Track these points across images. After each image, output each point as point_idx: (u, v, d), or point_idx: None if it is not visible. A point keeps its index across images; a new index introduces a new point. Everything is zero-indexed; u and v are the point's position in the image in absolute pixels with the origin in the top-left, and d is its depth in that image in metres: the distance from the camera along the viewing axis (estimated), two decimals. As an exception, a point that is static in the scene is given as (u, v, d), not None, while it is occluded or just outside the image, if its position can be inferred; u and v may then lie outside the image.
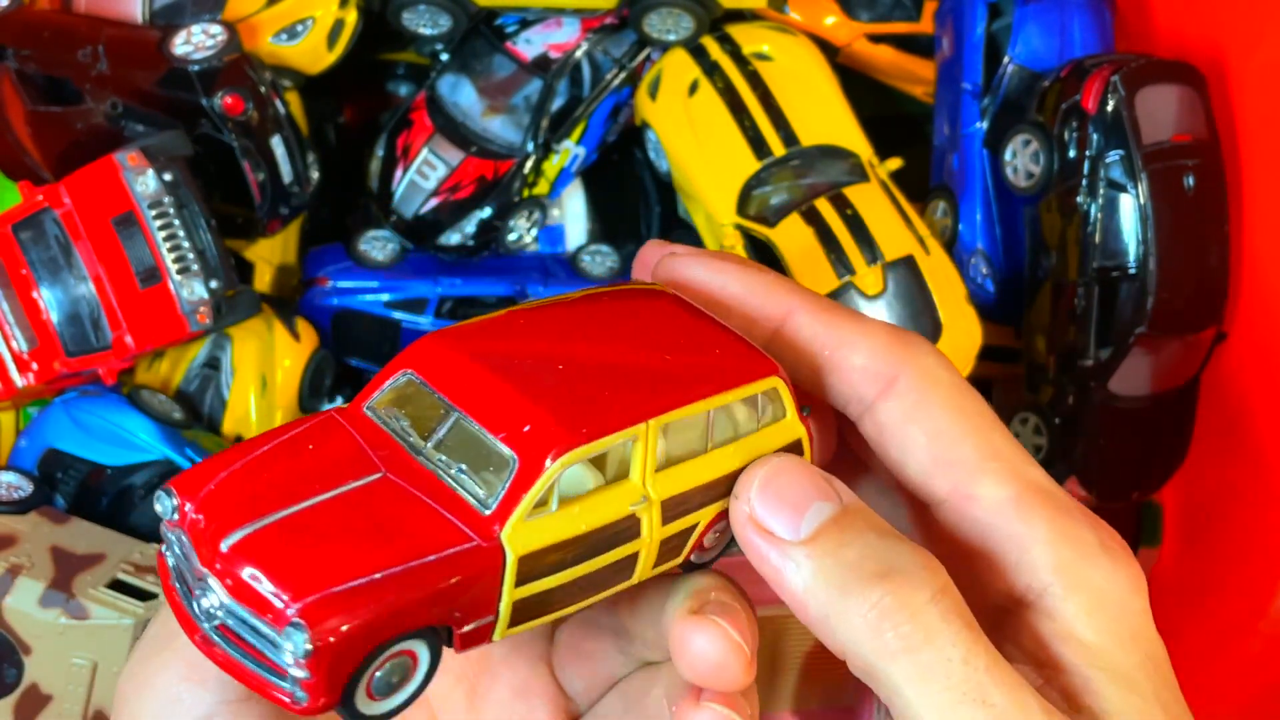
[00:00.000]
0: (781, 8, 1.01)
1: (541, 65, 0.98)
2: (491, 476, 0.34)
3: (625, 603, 0.41)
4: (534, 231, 1.02)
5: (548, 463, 0.34)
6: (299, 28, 0.94)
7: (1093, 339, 0.89)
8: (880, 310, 0.89)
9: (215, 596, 0.33)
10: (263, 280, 1.00)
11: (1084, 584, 0.38)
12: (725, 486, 0.38)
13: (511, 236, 1.01)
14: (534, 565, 0.34)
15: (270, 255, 1.00)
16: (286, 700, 0.33)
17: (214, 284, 0.85)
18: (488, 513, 0.34)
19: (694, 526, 0.38)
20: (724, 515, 0.38)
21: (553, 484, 0.34)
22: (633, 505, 0.36)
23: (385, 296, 0.99)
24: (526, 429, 0.34)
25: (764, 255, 0.93)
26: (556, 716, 0.44)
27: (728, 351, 0.39)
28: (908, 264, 0.90)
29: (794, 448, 0.39)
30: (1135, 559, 0.39)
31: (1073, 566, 0.38)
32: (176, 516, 0.35)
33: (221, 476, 0.35)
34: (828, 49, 1.01)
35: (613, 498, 0.36)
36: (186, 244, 0.84)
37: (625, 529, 0.36)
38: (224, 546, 0.33)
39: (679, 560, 0.38)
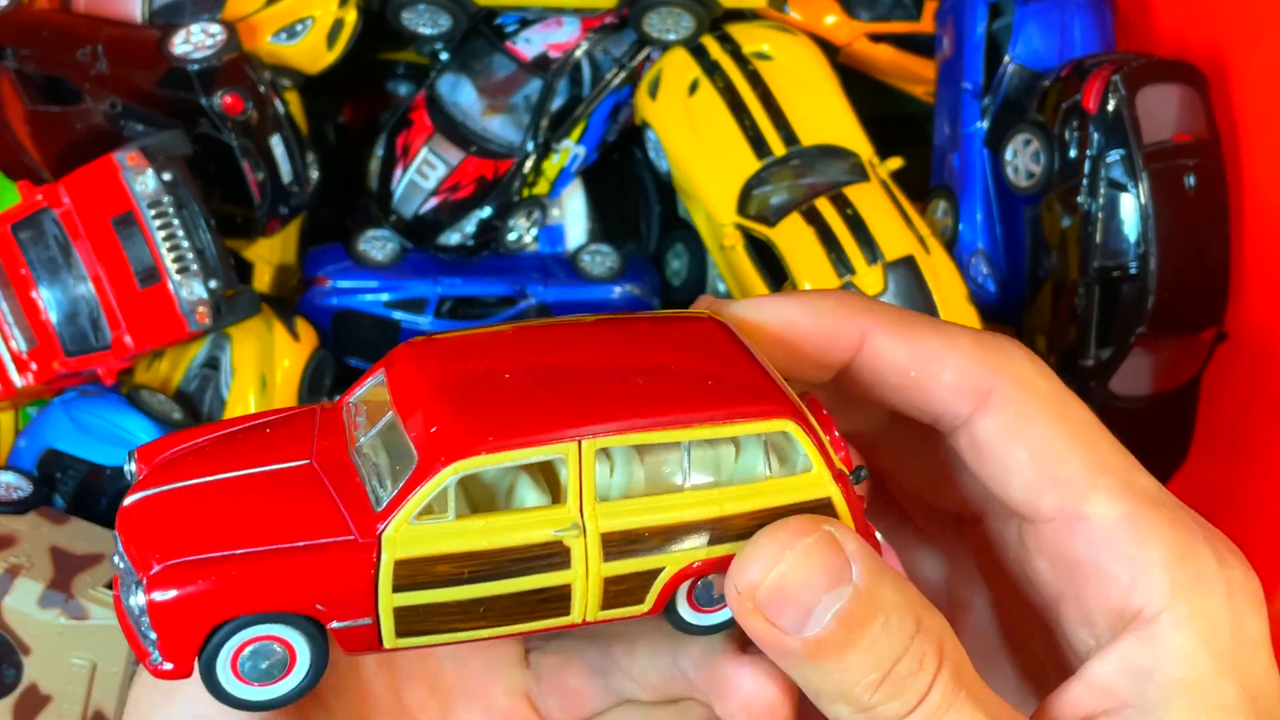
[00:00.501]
0: (782, 7, 1.01)
1: (541, 65, 0.98)
2: (402, 476, 0.33)
3: (620, 642, 0.40)
4: (534, 231, 1.02)
5: (439, 467, 0.32)
6: (298, 27, 0.94)
7: (1093, 339, 0.89)
8: (880, 310, 0.89)
9: (118, 553, 0.34)
10: (262, 280, 1.00)
11: (1200, 611, 0.37)
12: (709, 533, 0.35)
13: (511, 236, 1.00)
14: (419, 572, 0.33)
15: (270, 255, 1.00)
16: (148, 661, 0.33)
17: (213, 284, 0.84)
18: (378, 510, 0.33)
19: (657, 570, 0.35)
20: (718, 568, 0.36)
21: (445, 489, 0.32)
22: (558, 531, 0.34)
23: (385, 296, 0.99)
24: (433, 430, 0.33)
25: (764, 255, 0.93)
26: None
27: (738, 386, 0.35)
28: (908, 264, 0.90)
29: (821, 507, 0.36)
30: (1254, 573, 0.38)
31: (1190, 591, 0.37)
32: (134, 479, 0.36)
33: (181, 447, 0.36)
34: (828, 48, 1.01)
35: (533, 519, 0.33)
36: (186, 244, 0.84)
37: (547, 556, 0.34)
38: (126, 502, 0.34)
39: (645, 608, 0.35)
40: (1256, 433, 0.88)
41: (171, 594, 0.32)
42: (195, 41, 0.87)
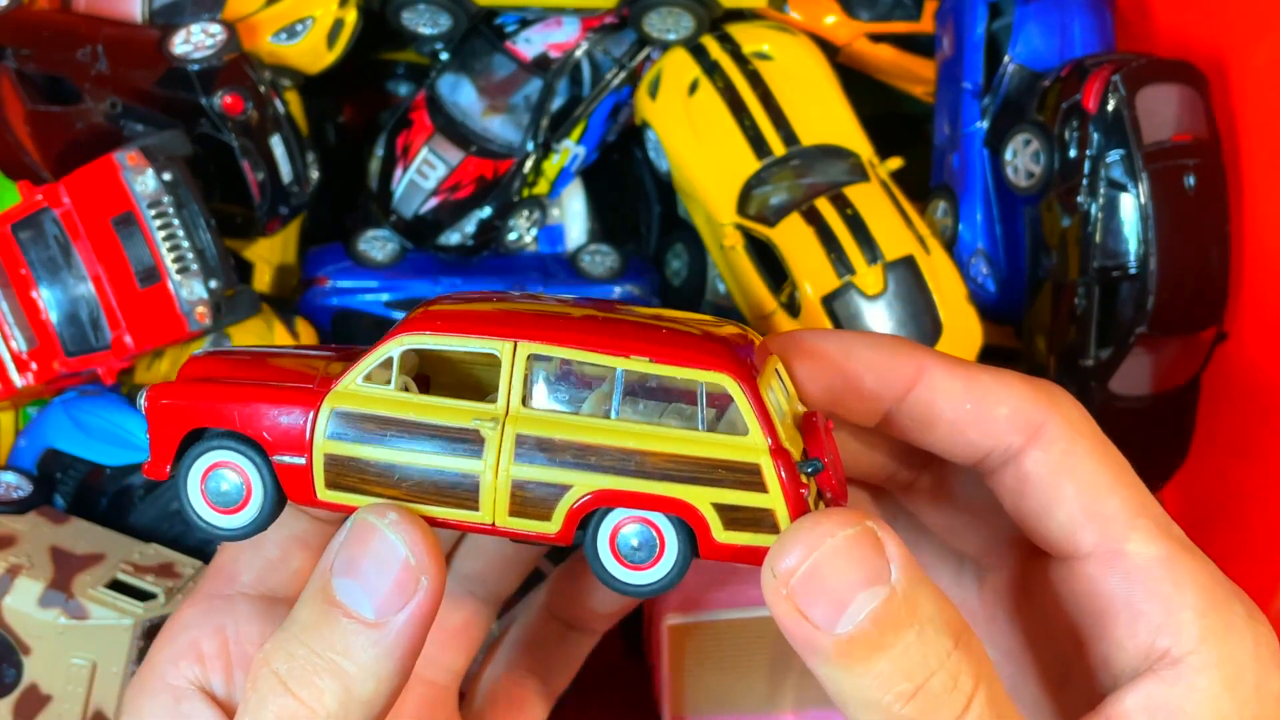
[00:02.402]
0: (782, 7, 1.01)
1: (541, 65, 0.98)
2: None
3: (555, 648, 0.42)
4: (534, 231, 1.02)
5: (391, 339, 0.37)
6: (298, 27, 0.94)
7: (1093, 339, 0.89)
8: (880, 310, 0.89)
9: None
10: (262, 280, 1.00)
11: (1227, 659, 0.37)
12: (622, 463, 0.36)
13: (511, 236, 1.00)
14: (350, 424, 0.37)
15: (270, 255, 1.00)
16: (145, 463, 0.39)
17: (213, 284, 0.84)
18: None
19: (565, 487, 0.36)
20: (629, 503, 0.36)
21: (390, 358, 0.37)
22: (476, 421, 0.36)
23: (385, 296, 0.99)
24: (402, 319, 0.38)
25: (764, 255, 0.93)
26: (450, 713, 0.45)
27: (694, 343, 0.36)
28: (908, 264, 0.90)
29: (745, 472, 0.36)
30: (1274, 633, 0.39)
31: (1219, 638, 0.37)
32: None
33: None
34: (828, 48, 1.01)
35: (460, 409, 0.36)
36: (186, 244, 0.84)
37: (462, 441, 0.36)
38: (198, 352, 0.41)
39: (554, 528, 0.37)
40: (1256, 433, 0.88)
41: (157, 400, 0.38)
42: (195, 41, 0.87)
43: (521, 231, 1.01)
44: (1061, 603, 0.40)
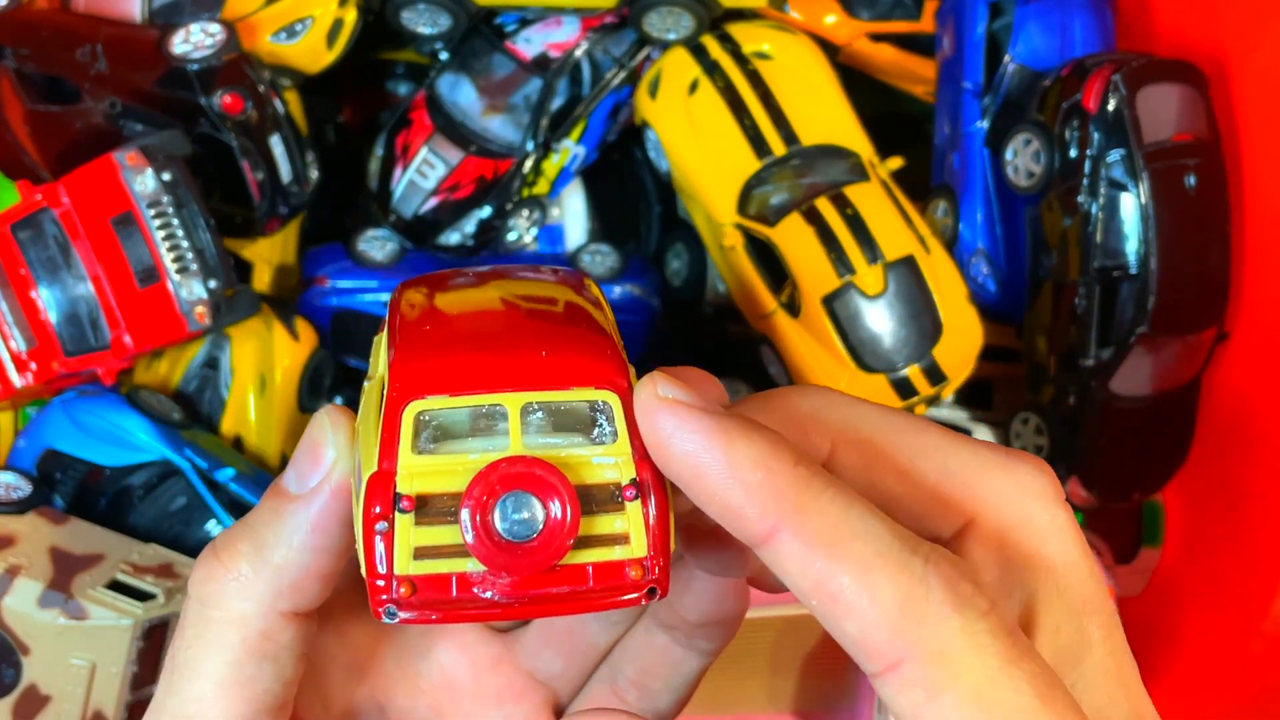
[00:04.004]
0: (782, 6, 1.01)
1: (541, 64, 0.98)
2: None
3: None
4: (533, 231, 1.02)
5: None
6: (298, 27, 0.94)
7: (1094, 339, 0.89)
8: (880, 310, 0.89)
9: None
10: (262, 280, 1.00)
11: None
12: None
13: (511, 236, 1.00)
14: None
15: (269, 255, 1.00)
16: None
17: (213, 284, 0.84)
18: None
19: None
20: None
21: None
22: (368, 380, 0.38)
23: (385, 296, 0.99)
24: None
25: (764, 255, 0.93)
26: (539, 712, 0.43)
27: (415, 343, 0.35)
28: (908, 264, 0.90)
29: (358, 476, 0.35)
30: None
31: None
32: None
33: None
34: (828, 48, 1.01)
35: (379, 356, 0.38)
36: (185, 244, 0.84)
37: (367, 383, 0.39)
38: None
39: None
40: (1257, 433, 0.88)
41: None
42: (195, 41, 0.87)
43: (521, 231, 1.01)
44: None
